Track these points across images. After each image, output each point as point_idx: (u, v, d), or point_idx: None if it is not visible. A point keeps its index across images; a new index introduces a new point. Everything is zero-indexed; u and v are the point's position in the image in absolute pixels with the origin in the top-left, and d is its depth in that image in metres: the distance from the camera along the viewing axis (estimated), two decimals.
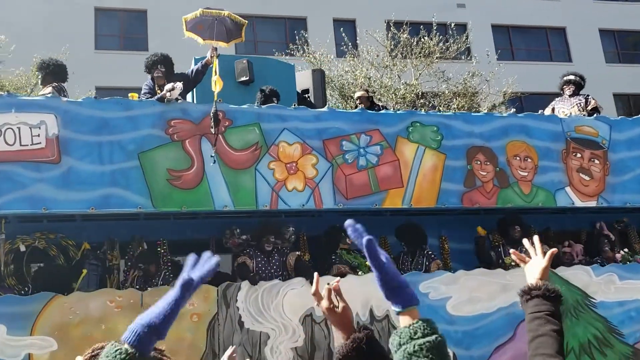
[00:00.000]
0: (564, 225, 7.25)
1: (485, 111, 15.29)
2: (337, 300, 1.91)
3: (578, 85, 7.91)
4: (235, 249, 5.96)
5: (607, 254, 6.76)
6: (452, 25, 17.62)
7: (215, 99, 5.61)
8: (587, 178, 6.79)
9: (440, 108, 15.75)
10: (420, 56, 16.49)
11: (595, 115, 7.39)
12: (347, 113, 6.36)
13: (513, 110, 8.13)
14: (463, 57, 18.31)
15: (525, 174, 6.59)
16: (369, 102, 8.30)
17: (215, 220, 6.09)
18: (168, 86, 5.67)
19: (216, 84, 5.44)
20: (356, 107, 8.10)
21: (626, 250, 6.87)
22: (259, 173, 5.77)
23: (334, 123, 6.13)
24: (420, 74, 16.62)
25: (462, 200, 6.33)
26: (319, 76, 7.47)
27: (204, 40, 5.97)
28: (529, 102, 20.66)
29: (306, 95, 7.38)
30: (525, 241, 2.24)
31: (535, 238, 2.17)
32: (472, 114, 6.83)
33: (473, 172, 6.43)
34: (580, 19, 24.63)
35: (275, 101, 6.40)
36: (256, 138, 5.86)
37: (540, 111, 7.54)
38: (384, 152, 6.22)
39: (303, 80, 7.51)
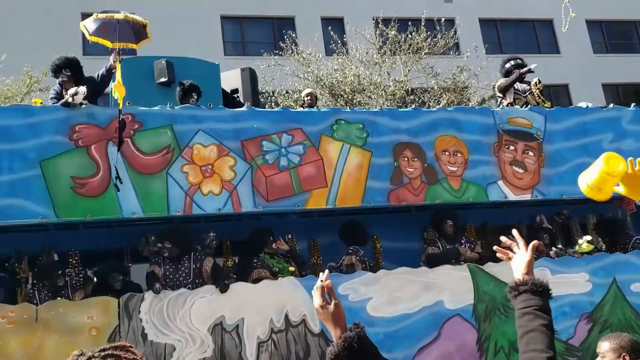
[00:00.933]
0: (502, 220, 7.06)
1: (475, 105, 15.25)
2: (330, 298, 1.93)
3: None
4: (152, 257, 5.74)
5: (540, 248, 6.58)
6: (442, 20, 17.55)
7: (120, 107, 5.35)
8: (520, 171, 6.63)
9: (430, 104, 15.66)
10: (408, 52, 16.46)
11: (529, 106, 7.22)
12: (268, 112, 6.17)
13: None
14: (452, 52, 18.31)
15: (455, 169, 6.42)
16: (316, 102, 8.14)
17: (131, 228, 5.86)
18: (71, 91, 5.45)
19: (116, 91, 5.18)
20: (304, 103, 7.90)
21: (560, 246, 6.70)
22: (171, 177, 5.55)
23: (253, 123, 5.93)
24: (409, 70, 16.57)
25: (388, 198, 6.15)
26: (249, 75, 7.26)
27: (112, 43, 5.74)
28: None
29: (235, 95, 7.17)
30: (502, 238, 2.22)
31: (515, 232, 2.19)
32: (399, 109, 6.66)
33: (400, 169, 6.25)
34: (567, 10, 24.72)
35: (196, 96, 6.20)
36: (168, 140, 5.65)
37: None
38: (307, 151, 6.02)
39: (232, 79, 7.30)
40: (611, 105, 7.35)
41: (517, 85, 7.37)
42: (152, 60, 6.76)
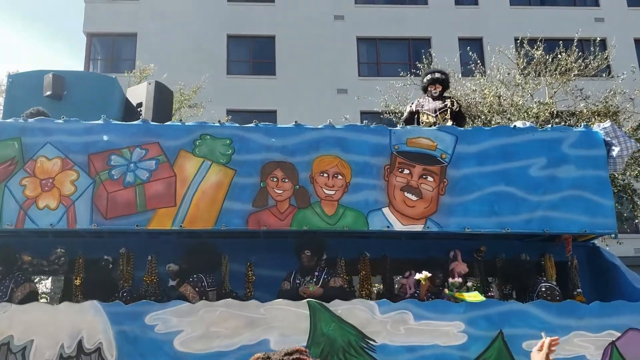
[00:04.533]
0: (404, 253, 6.22)
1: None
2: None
3: (445, 85, 6.86)
4: None
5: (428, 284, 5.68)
6: (597, 40, 16.74)
7: None
8: (413, 198, 5.78)
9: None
10: (555, 74, 15.81)
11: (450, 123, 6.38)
12: (125, 125, 5.89)
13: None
14: (604, 75, 17.33)
15: (332, 192, 5.74)
16: None
17: None
18: None
19: None
20: None
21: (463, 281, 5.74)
22: (8, 190, 5.47)
23: (105, 136, 5.70)
24: (555, 92, 15.93)
25: (247, 221, 5.62)
26: (155, 89, 7.06)
27: None
28: None
29: (139, 109, 7.01)
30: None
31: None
32: (277, 125, 6.10)
33: (266, 190, 5.70)
34: None
35: None
36: (13, 153, 5.58)
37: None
38: (160, 167, 5.67)
39: (139, 94, 7.16)
40: (549, 126, 6.24)
41: (428, 104, 6.58)
42: (44, 74, 6.79)
